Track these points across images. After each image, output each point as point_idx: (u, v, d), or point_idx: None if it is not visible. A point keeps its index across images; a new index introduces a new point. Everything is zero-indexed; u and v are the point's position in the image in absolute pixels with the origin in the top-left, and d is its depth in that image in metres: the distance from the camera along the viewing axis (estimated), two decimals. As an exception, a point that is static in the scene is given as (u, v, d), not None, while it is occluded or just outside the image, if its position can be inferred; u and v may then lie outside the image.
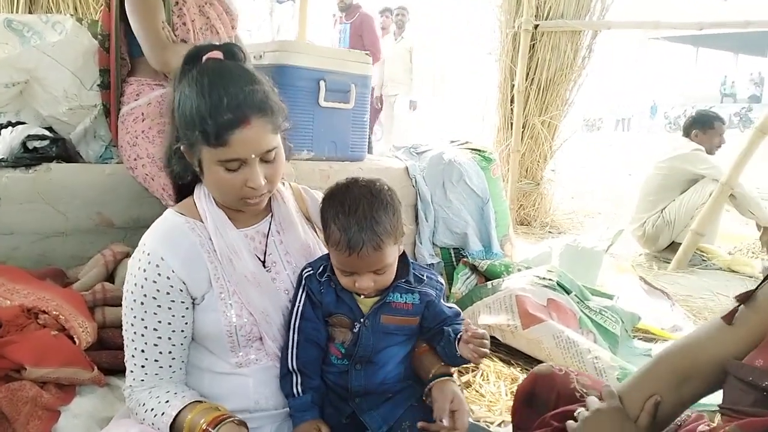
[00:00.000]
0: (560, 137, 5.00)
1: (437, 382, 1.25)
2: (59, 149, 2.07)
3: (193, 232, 1.21)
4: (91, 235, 2.06)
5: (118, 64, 2.08)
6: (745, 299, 1.01)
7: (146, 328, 1.17)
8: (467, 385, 2.01)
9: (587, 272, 2.91)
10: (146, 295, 1.16)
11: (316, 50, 2.58)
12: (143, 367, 1.18)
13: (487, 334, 1.21)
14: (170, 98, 1.21)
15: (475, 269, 2.69)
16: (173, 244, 1.19)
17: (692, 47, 30.72)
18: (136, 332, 1.18)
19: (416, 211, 2.85)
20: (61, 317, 1.55)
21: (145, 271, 1.16)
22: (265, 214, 1.31)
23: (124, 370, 1.22)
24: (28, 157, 1.98)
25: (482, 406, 1.89)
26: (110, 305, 1.75)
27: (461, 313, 1.35)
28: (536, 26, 4.64)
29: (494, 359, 2.17)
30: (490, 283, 2.52)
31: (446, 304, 1.33)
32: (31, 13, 3.46)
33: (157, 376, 1.19)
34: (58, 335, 1.51)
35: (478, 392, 1.97)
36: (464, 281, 2.65)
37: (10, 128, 2.08)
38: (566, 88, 4.83)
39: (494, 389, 1.99)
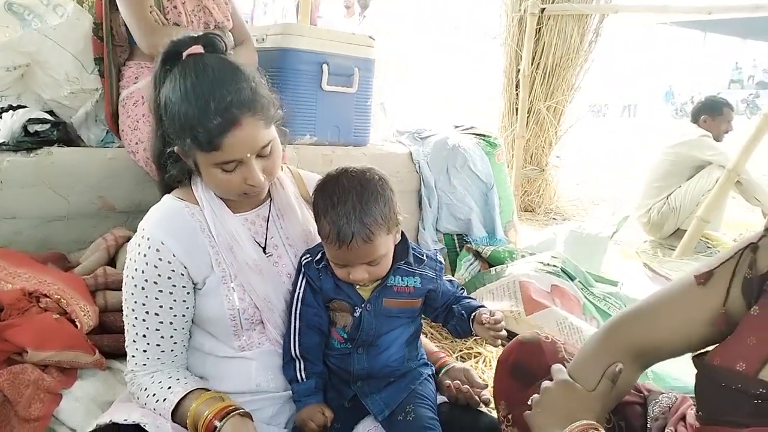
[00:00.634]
0: (566, 123, 4.95)
1: (443, 374, 1.38)
2: (60, 133, 2.05)
3: (192, 217, 1.20)
4: (92, 219, 2.05)
5: (109, 52, 2.08)
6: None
7: (147, 313, 1.17)
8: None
9: (591, 259, 2.90)
10: (147, 280, 1.16)
11: (318, 33, 2.55)
12: (145, 351, 1.18)
13: (501, 315, 1.26)
14: (152, 97, 1.16)
15: (478, 255, 2.68)
16: (173, 228, 1.18)
17: (700, 32, 30.36)
18: (137, 317, 1.17)
19: (420, 196, 2.81)
20: (62, 301, 1.55)
21: (145, 256, 1.16)
22: (264, 198, 1.29)
23: (125, 354, 1.22)
24: (29, 140, 1.96)
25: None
26: (111, 289, 1.75)
27: (459, 283, 1.41)
28: (542, 10, 4.57)
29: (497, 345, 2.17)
30: (493, 269, 2.52)
31: (445, 278, 1.35)
32: (32, -5, 3.43)
33: (158, 360, 1.19)
34: (59, 319, 1.51)
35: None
36: (468, 267, 2.64)
37: (11, 112, 2.06)
38: (572, 73, 4.77)
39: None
